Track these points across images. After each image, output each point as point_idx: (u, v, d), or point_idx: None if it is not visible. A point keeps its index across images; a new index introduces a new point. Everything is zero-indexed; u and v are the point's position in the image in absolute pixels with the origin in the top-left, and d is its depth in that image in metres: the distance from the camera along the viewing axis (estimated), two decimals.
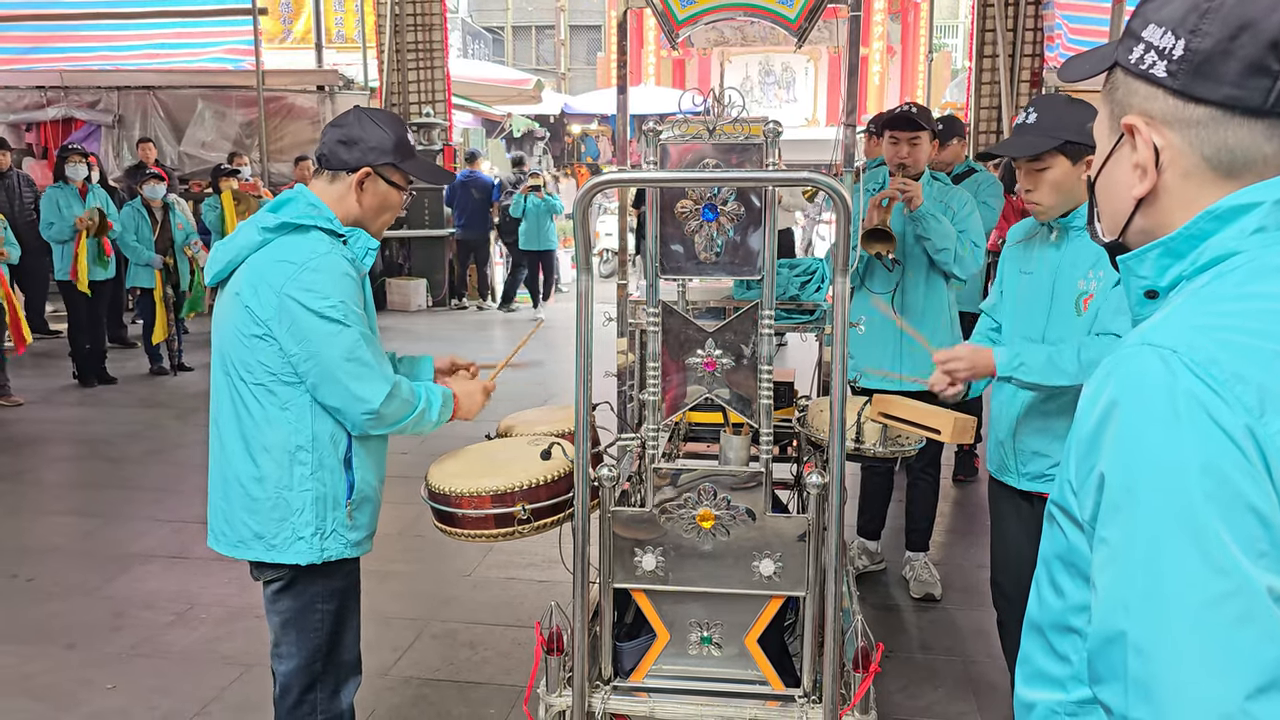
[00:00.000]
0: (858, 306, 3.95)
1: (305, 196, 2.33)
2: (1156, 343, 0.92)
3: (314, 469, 2.30)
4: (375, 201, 2.38)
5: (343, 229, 2.34)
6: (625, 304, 3.07)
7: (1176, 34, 0.99)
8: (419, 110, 13.13)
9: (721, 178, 2.14)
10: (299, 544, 2.31)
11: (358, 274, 2.33)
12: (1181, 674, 0.84)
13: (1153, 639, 0.86)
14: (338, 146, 2.34)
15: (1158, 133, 1.01)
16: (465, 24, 29.22)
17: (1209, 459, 0.86)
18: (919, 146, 3.80)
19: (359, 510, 2.38)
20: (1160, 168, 1.02)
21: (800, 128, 21.21)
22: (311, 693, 2.44)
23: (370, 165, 2.33)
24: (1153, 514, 0.87)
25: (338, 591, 2.42)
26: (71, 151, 8.48)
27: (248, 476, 2.32)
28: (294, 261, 2.22)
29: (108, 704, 3.42)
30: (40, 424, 7.32)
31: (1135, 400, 0.91)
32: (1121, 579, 0.89)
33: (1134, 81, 1.04)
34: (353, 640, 2.50)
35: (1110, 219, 1.11)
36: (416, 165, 2.43)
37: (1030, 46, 11.30)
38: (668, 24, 2.92)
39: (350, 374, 2.22)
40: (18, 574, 4.53)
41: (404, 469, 5.56)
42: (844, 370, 2.14)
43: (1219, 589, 0.84)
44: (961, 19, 25.73)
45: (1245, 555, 0.84)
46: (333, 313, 2.20)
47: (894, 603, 4.23)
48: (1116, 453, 0.91)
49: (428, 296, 12.97)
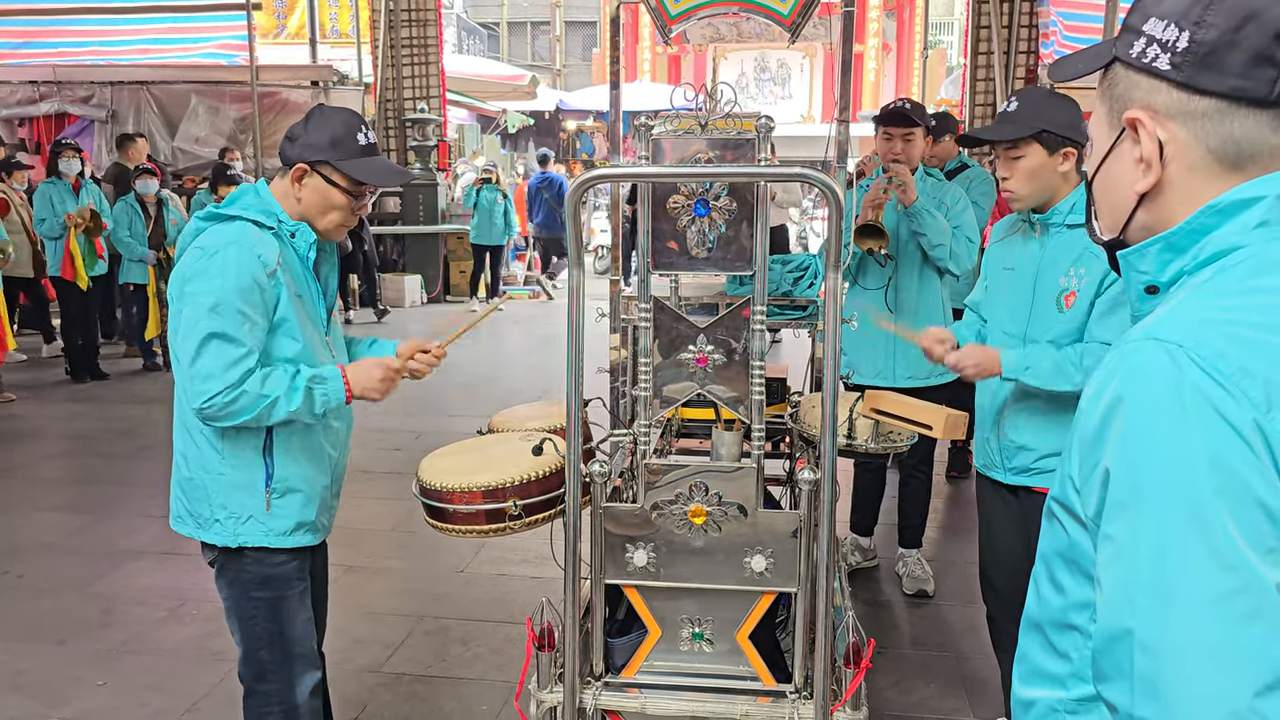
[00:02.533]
0: (850, 303, 3.95)
1: (254, 191, 2.36)
2: (1162, 337, 0.91)
3: (224, 453, 2.31)
4: (316, 199, 2.34)
5: (289, 223, 2.33)
6: (618, 300, 3.07)
7: (1180, 26, 0.99)
8: (414, 106, 13.10)
9: (714, 173, 2.14)
10: (216, 525, 2.34)
11: (291, 269, 2.30)
12: (1189, 671, 0.83)
13: (1160, 636, 0.85)
14: (285, 142, 2.36)
15: (1162, 126, 1.01)
16: (460, 19, 29.19)
17: (1216, 454, 0.85)
18: (913, 142, 3.81)
19: (283, 500, 2.35)
20: (1164, 161, 1.01)
21: (795, 124, 21.21)
22: (263, 684, 2.44)
23: (305, 161, 2.31)
24: (1159, 510, 0.86)
25: (271, 580, 2.38)
26: (65, 147, 8.44)
27: (179, 453, 2.39)
28: (203, 248, 2.24)
29: (98, 701, 3.41)
30: (32, 420, 7.29)
31: (1141, 395, 0.90)
32: (1128, 576, 0.88)
33: (1135, 75, 1.03)
34: (304, 634, 2.46)
35: (1111, 216, 1.10)
36: (358, 166, 2.33)
37: (1025, 44, 11.30)
38: (661, 20, 2.92)
39: (190, 364, 2.19)
40: (9, 570, 4.52)
41: (396, 465, 5.58)
42: (836, 366, 2.13)
43: (1227, 585, 0.83)
44: (957, 16, 25.75)
45: (1254, 551, 0.83)
46: (203, 300, 2.18)
47: (886, 599, 4.23)
48: (1122, 448, 0.90)
49: (422, 292, 12.97)
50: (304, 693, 2.47)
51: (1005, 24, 11.30)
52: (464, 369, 8.68)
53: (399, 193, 12.95)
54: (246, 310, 2.21)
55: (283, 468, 2.35)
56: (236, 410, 2.20)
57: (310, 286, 2.39)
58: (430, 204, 12.90)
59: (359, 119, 2.39)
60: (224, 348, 2.18)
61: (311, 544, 2.46)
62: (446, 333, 2.63)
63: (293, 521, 2.38)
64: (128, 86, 12.31)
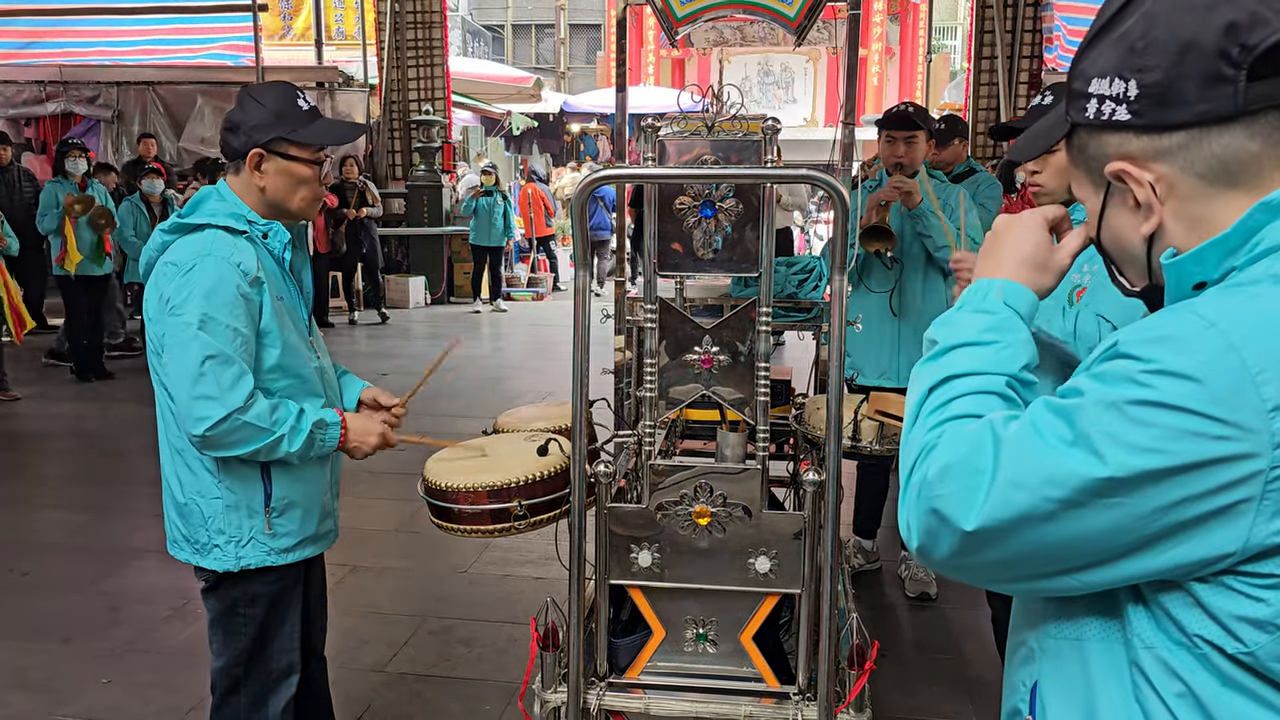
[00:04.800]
0: (855, 305, 3.95)
1: (216, 193, 2.27)
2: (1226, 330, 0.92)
3: (220, 477, 2.24)
4: (281, 181, 2.25)
5: (260, 223, 2.25)
6: (623, 301, 3.08)
7: (1124, 77, 1.01)
8: (419, 108, 13.13)
9: (720, 174, 2.14)
10: (215, 551, 2.26)
11: (269, 273, 2.24)
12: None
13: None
14: (226, 135, 2.25)
15: (1145, 169, 1.02)
16: (465, 22, 29.23)
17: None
18: (915, 145, 3.82)
19: (284, 517, 2.29)
20: (1160, 200, 1.03)
21: (799, 128, 21.21)
22: (234, 695, 2.37)
23: (258, 145, 2.21)
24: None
25: (262, 598, 2.32)
26: (71, 146, 8.47)
27: (171, 478, 2.31)
28: (176, 263, 2.15)
29: (103, 699, 3.42)
30: (37, 419, 7.32)
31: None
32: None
33: (1100, 135, 1.05)
34: (283, 648, 2.39)
35: (1133, 267, 1.11)
36: (312, 131, 2.25)
37: (1029, 48, 11.32)
38: (667, 21, 2.92)
39: (187, 388, 2.10)
40: (14, 568, 4.53)
41: (401, 465, 5.57)
42: (840, 368, 2.14)
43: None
44: (960, 20, 25.73)
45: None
46: (190, 316, 2.10)
47: (889, 601, 4.24)
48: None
49: (426, 294, 12.99)
50: (277, 707, 2.39)
51: (1009, 29, 11.32)
52: (470, 370, 8.69)
53: (404, 194, 12.98)
54: (235, 325, 2.13)
55: (281, 486, 2.28)
56: (239, 440, 2.13)
57: (289, 287, 2.33)
58: (434, 206, 12.93)
59: (292, 87, 2.30)
60: (221, 369, 2.10)
61: (315, 554, 2.41)
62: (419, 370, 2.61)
63: (295, 538, 2.32)
64: (134, 87, 12.37)
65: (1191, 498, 0.91)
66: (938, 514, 1.01)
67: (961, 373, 1.11)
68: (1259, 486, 0.89)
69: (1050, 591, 1.04)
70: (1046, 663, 1.11)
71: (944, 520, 1.01)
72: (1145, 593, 0.99)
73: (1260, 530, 0.90)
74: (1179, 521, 0.92)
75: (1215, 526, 0.91)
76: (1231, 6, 0.95)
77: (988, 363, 1.11)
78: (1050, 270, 1.21)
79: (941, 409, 1.09)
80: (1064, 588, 1.01)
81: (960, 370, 1.11)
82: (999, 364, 1.11)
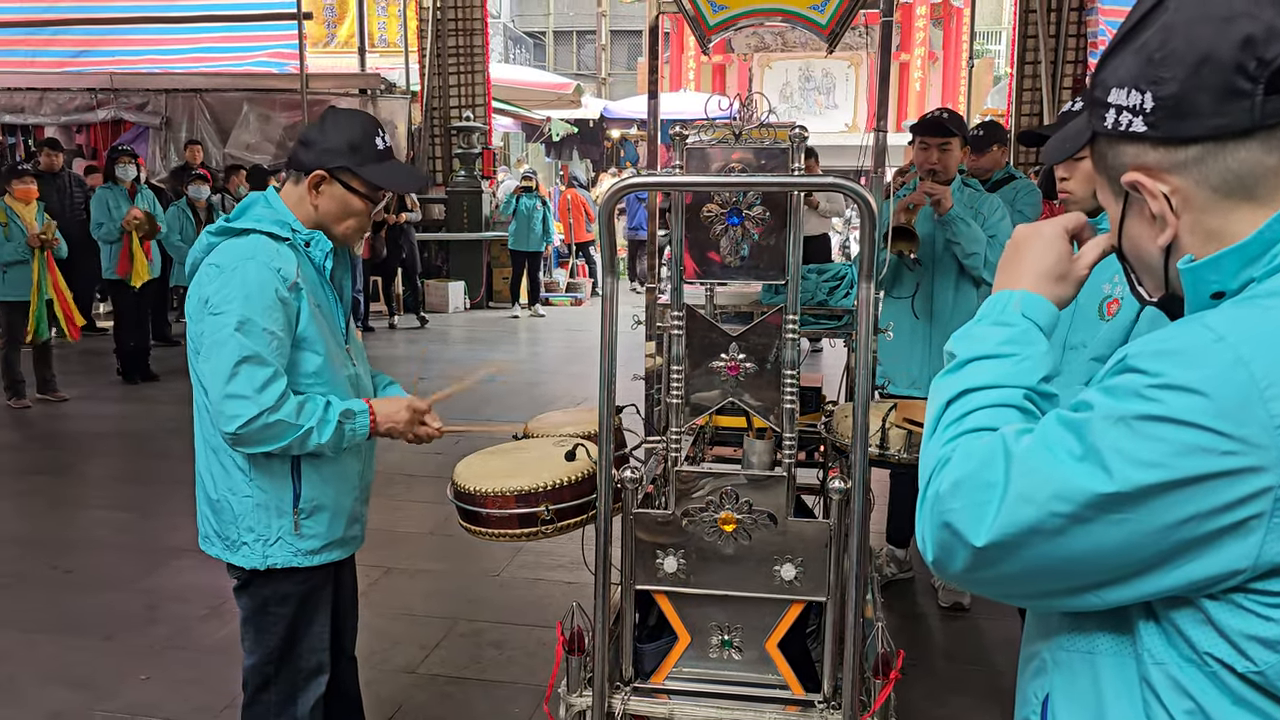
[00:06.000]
0: (887, 313, 3.93)
1: (264, 200, 2.31)
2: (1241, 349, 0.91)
3: (252, 475, 2.27)
4: (334, 206, 2.30)
5: (304, 232, 2.29)
6: (654, 307, 3.09)
7: (1140, 89, 1.00)
8: (459, 114, 13.25)
9: (746, 182, 2.15)
10: (244, 548, 2.31)
11: (309, 280, 2.27)
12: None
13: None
14: (298, 147, 2.31)
15: (1160, 181, 1.01)
16: (507, 29, 29.44)
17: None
18: (949, 152, 3.80)
19: (311, 519, 2.33)
20: (1175, 212, 1.02)
21: (840, 134, 21.09)
22: (265, 693, 2.41)
23: (323, 168, 2.26)
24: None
25: (292, 597, 2.36)
26: (121, 153, 8.65)
27: (205, 474, 2.35)
28: (219, 265, 2.20)
29: (142, 695, 3.49)
30: (85, 419, 7.48)
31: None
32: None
33: (1118, 144, 1.05)
34: (313, 647, 2.43)
35: (1150, 276, 1.10)
36: (377, 171, 2.30)
37: (1073, 53, 11.18)
38: (699, 29, 2.93)
39: (221, 387, 2.14)
40: (58, 565, 4.64)
41: (437, 468, 5.63)
42: (868, 376, 2.13)
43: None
44: (1004, 25, 25.48)
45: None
46: (229, 317, 2.14)
47: (921, 611, 4.20)
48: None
49: (465, 299, 13.09)
50: (306, 705, 2.43)
51: (1053, 33, 11.19)
52: (506, 375, 8.75)
53: (444, 200, 13.10)
54: (272, 328, 2.17)
55: (311, 487, 2.31)
56: (270, 437, 2.17)
57: (328, 296, 2.37)
58: (474, 211, 13.04)
59: (374, 122, 2.34)
60: (255, 370, 2.14)
61: (340, 559, 2.44)
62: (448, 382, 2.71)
63: (322, 540, 2.35)
64: (182, 94, 12.59)
65: (1201, 514, 0.90)
66: (950, 528, 1.01)
67: (978, 386, 1.11)
68: (1269, 503, 0.88)
69: (1073, 608, 1.03)
70: (1059, 675, 1.10)
71: (956, 535, 1.00)
72: (1157, 608, 0.98)
73: (1271, 547, 0.88)
74: (1191, 538, 0.91)
75: (1227, 543, 0.90)
76: (1249, 20, 0.94)
77: (1005, 375, 1.11)
78: (1069, 281, 1.20)
79: (957, 422, 1.09)
80: (1085, 605, 1.00)
81: (977, 383, 1.11)
82: (1017, 377, 1.10)
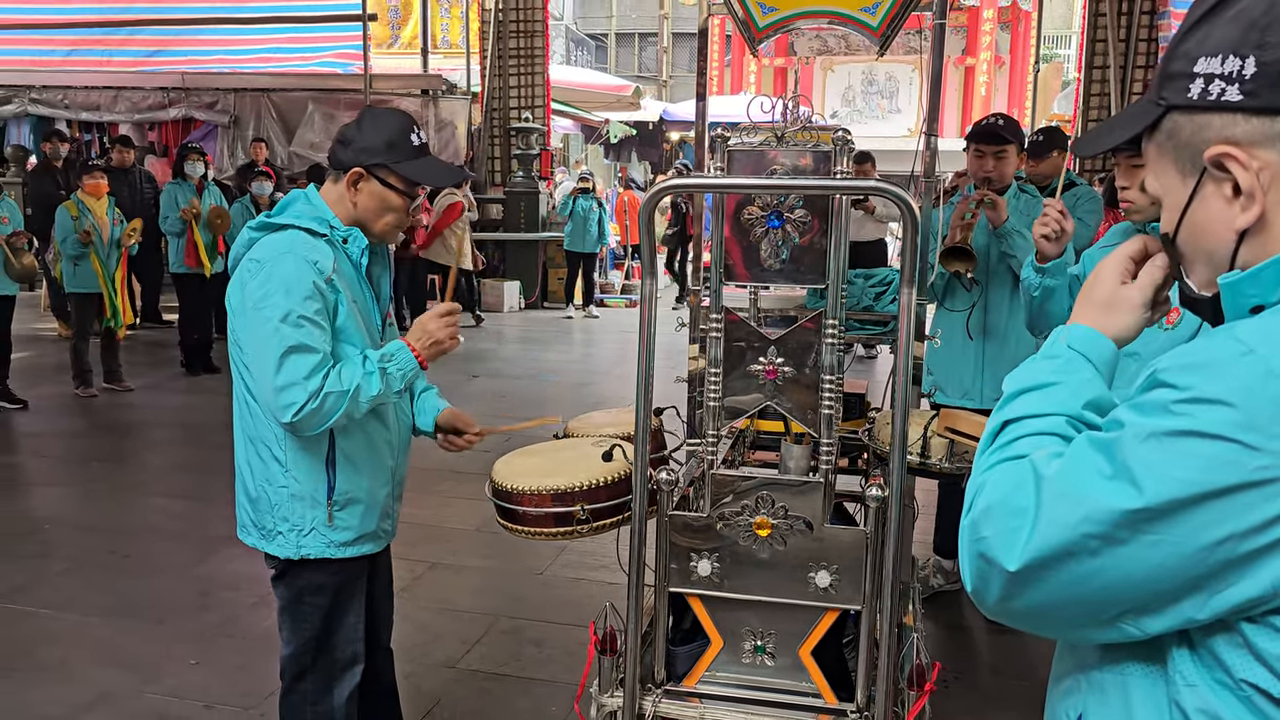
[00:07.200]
0: (938, 321, 3.88)
1: (304, 197, 2.35)
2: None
3: (288, 466, 2.30)
4: (372, 203, 2.33)
5: (342, 228, 2.32)
6: (697, 310, 3.08)
7: (1240, 55, 0.95)
8: (518, 115, 13.35)
9: (787, 185, 2.14)
10: (279, 538, 2.34)
11: (345, 276, 2.30)
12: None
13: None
14: (337, 145, 2.35)
15: (1250, 155, 0.96)
16: (569, 31, 29.62)
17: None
18: (1005, 160, 3.72)
19: (345, 511, 2.35)
20: (1263, 189, 0.97)
21: (902, 138, 20.85)
22: (301, 683, 2.44)
23: (361, 165, 2.30)
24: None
25: (327, 588, 2.39)
26: (190, 150, 8.87)
27: (244, 465, 2.39)
28: (259, 260, 2.23)
29: (191, 678, 3.57)
30: (147, 409, 7.68)
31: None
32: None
33: (1202, 117, 0.99)
34: (348, 638, 2.45)
35: (1209, 266, 1.05)
36: (415, 167, 2.33)
37: (1143, 58, 10.92)
38: (748, 31, 2.93)
39: (270, 379, 2.17)
40: (115, 550, 4.76)
41: (484, 465, 5.65)
42: (908, 383, 2.11)
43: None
44: (1074, 29, 24.99)
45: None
46: (271, 313, 2.17)
47: (967, 623, 4.13)
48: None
49: (520, 298, 13.19)
50: (341, 695, 2.46)
51: (1122, 37, 10.94)
52: (556, 374, 8.79)
53: (502, 200, 13.21)
54: (314, 316, 2.20)
55: (345, 479, 2.34)
56: (326, 413, 2.19)
57: (364, 292, 2.40)
58: (531, 211, 13.12)
59: (410, 120, 2.38)
60: (301, 359, 2.17)
61: (373, 552, 2.46)
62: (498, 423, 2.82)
63: (354, 533, 2.38)
64: (249, 94, 12.84)
65: (1238, 534, 0.87)
66: (984, 557, 1.00)
67: (1020, 416, 1.10)
68: None
69: (1115, 638, 0.99)
70: (1091, 695, 1.07)
71: (990, 562, 0.99)
72: (1192, 631, 0.95)
73: None
74: (1228, 559, 0.88)
75: (1267, 562, 0.87)
76: None
77: (1046, 404, 1.09)
78: (1119, 309, 1.18)
79: (997, 451, 1.08)
80: (1124, 636, 0.97)
81: (1019, 414, 1.10)
82: (1058, 404, 1.09)
